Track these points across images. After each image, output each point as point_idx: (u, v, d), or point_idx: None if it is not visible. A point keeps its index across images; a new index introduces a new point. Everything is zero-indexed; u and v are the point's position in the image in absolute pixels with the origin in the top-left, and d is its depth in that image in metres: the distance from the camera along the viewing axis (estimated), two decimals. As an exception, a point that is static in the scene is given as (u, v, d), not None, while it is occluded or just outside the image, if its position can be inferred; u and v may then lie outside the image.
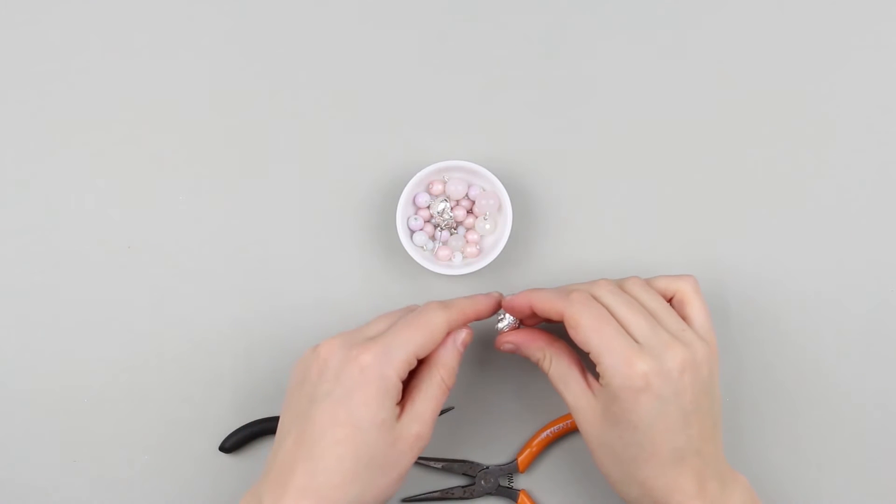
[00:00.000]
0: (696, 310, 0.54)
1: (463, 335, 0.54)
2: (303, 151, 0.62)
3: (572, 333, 0.52)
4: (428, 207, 0.60)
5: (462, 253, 0.60)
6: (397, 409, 0.51)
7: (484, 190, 0.60)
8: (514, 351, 0.57)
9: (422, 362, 0.53)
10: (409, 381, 0.53)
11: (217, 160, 0.61)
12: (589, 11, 0.62)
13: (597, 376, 0.52)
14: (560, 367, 0.54)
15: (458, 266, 0.59)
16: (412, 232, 0.60)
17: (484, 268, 0.59)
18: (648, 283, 0.55)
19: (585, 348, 0.51)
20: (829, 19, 0.63)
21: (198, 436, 0.60)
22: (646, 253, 0.61)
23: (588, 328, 0.51)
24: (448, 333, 0.53)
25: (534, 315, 0.56)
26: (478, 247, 0.60)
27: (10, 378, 0.60)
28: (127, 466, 0.60)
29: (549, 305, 0.53)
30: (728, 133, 0.62)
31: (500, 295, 0.57)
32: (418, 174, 0.59)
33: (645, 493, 0.51)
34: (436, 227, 0.61)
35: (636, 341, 0.51)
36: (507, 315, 0.56)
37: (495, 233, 0.60)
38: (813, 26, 0.63)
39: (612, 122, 0.62)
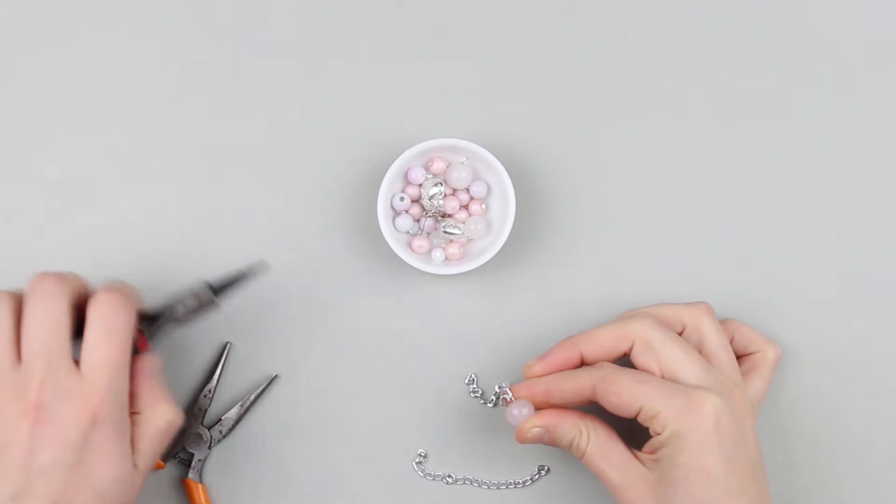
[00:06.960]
0: (714, 345, 0.50)
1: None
2: (298, 137, 0.57)
3: (613, 400, 0.47)
4: (420, 185, 0.54)
5: (443, 250, 0.54)
6: None
7: (490, 190, 0.54)
8: (541, 439, 0.49)
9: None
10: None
11: (207, 141, 0.57)
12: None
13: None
14: (600, 442, 0.48)
15: (440, 265, 0.52)
16: (395, 213, 0.54)
17: (475, 269, 0.52)
18: (656, 313, 0.50)
19: (632, 409, 0.46)
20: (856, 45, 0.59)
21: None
22: (651, 251, 0.57)
23: (631, 385, 0.47)
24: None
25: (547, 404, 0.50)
26: (462, 249, 0.54)
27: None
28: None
29: (573, 384, 0.48)
30: (745, 138, 0.58)
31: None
32: (420, 145, 0.52)
33: None
34: (423, 210, 0.54)
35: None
36: (519, 402, 0.49)
37: (486, 238, 0.53)
38: (831, 53, 0.58)
39: (618, 125, 0.57)
